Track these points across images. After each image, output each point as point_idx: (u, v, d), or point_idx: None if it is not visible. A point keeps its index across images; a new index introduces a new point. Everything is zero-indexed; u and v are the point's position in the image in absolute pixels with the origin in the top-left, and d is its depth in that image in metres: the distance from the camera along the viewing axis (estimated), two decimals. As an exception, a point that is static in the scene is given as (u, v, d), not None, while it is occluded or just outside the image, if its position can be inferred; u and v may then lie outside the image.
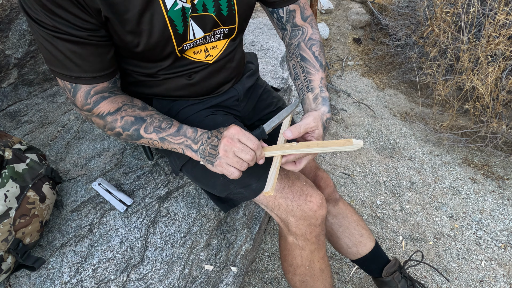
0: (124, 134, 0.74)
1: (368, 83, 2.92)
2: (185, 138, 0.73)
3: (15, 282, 0.80)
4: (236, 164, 0.69)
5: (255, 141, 0.69)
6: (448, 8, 2.23)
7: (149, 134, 0.73)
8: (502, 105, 1.94)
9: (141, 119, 0.73)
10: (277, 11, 0.92)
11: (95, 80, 0.70)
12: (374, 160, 2.07)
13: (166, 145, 0.74)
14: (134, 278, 0.84)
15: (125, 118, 0.73)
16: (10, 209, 0.74)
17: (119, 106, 0.74)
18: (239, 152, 0.68)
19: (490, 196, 1.81)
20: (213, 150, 0.70)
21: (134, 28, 0.67)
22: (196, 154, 0.73)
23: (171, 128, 0.74)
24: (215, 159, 0.70)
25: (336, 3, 3.75)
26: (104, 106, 0.73)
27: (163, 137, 0.73)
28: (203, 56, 0.82)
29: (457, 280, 1.42)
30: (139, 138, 0.74)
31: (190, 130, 0.73)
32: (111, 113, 0.73)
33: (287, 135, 0.72)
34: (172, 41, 0.72)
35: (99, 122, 0.75)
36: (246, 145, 0.68)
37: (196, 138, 0.73)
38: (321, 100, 0.81)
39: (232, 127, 0.70)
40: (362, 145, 0.66)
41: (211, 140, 0.70)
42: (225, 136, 0.68)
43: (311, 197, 0.84)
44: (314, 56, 0.87)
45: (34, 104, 1.27)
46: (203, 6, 0.74)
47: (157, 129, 0.73)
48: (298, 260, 0.91)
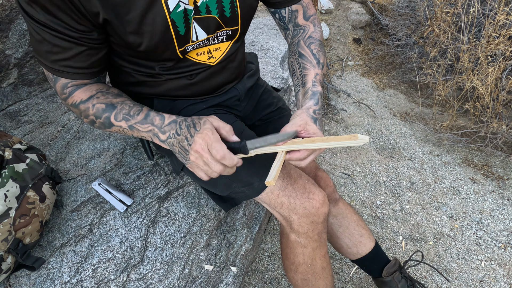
0: (97, 122, 0.73)
1: (368, 83, 2.92)
2: (152, 127, 0.71)
3: (15, 282, 0.80)
4: (206, 171, 0.68)
5: (225, 155, 0.65)
6: (448, 8, 2.23)
7: (119, 122, 0.72)
8: (502, 105, 1.94)
9: (111, 106, 0.71)
10: (279, 11, 0.92)
11: (75, 76, 0.70)
12: (374, 160, 2.07)
13: (136, 133, 0.73)
14: (134, 278, 0.84)
15: (97, 106, 0.71)
16: (10, 209, 0.74)
17: (92, 93, 0.72)
18: (208, 163, 0.66)
19: (490, 196, 1.81)
20: (183, 151, 0.68)
21: (136, 29, 0.66)
22: (164, 144, 0.71)
23: (139, 115, 0.71)
24: (186, 160, 0.69)
25: (336, 3, 3.75)
26: (78, 95, 0.72)
27: (132, 125, 0.71)
28: (205, 58, 0.82)
29: (457, 280, 1.42)
30: (111, 125, 0.72)
31: (157, 117, 0.71)
32: (83, 101, 0.71)
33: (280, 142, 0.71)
34: (173, 43, 0.72)
35: (75, 111, 0.74)
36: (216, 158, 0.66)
37: (163, 128, 0.70)
38: (310, 94, 0.80)
39: (205, 131, 0.66)
40: (368, 141, 0.65)
41: (180, 139, 0.68)
42: (196, 142, 0.66)
43: (313, 195, 0.84)
44: (312, 54, 0.87)
45: (34, 104, 1.27)
46: (207, 8, 0.73)
47: (126, 117, 0.71)
48: (300, 258, 0.91)
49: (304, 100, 0.79)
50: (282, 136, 0.71)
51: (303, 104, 0.78)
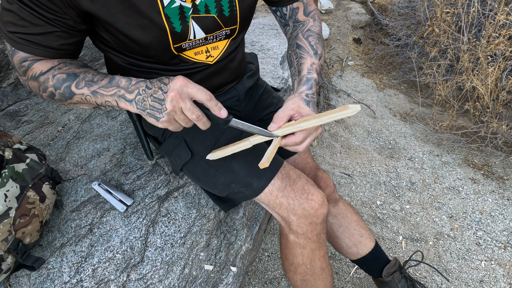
0: (57, 93, 0.67)
1: (368, 83, 2.92)
2: (117, 89, 0.65)
3: (15, 282, 0.80)
4: (183, 121, 0.64)
5: (207, 92, 0.63)
6: (448, 8, 2.23)
7: (81, 89, 0.66)
8: (502, 105, 1.94)
9: (73, 75, 0.67)
10: (281, 9, 0.93)
11: (38, 52, 0.65)
12: (374, 160, 2.07)
13: (99, 100, 0.66)
14: (134, 278, 0.84)
15: (57, 76, 0.66)
16: (10, 209, 0.74)
17: (53, 64, 0.67)
18: (185, 111, 0.63)
19: (490, 196, 1.81)
20: (156, 103, 0.63)
21: (129, 20, 0.66)
22: (131, 104, 0.65)
23: (103, 81, 0.66)
24: (161, 114, 0.63)
25: (336, 3, 3.75)
26: (37, 66, 0.67)
27: (95, 90, 0.66)
28: (204, 57, 0.82)
29: (457, 280, 1.42)
30: (71, 95, 0.67)
31: (123, 79, 0.66)
32: (43, 73, 0.67)
33: (272, 128, 0.72)
34: (168, 39, 0.72)
35: (34, 85, 0.69)
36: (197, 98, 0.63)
37: (130, 87, 0.65)
38: (305, 80, 0.80)
39: (179, 78, 0.63)
40: (360, 109, 0.64)
41: (153, 91, 0.63)
42: (172, 89, 0.61)
43: (312, 196, 0.84)
44: (310, 45, 0.87)
45: (34, 104, 1.27)
46: (205, 7, 0.73)
47: (88, 83, 0.66)
48: (299, 258, 0.91)
49: (298, 87, 0.80)
50: (265, 133, 0.71)
51: (297, 90, 0.79)
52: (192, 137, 0.90)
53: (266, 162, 0.68)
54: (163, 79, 0.64)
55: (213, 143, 0.88)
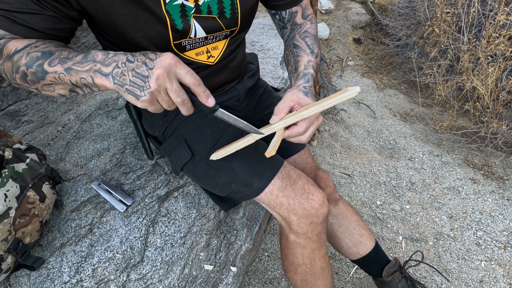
0: (29, 73, 0.60)
1: (368, 83, 2.92)
2: (93, 63, 0.58)
3: (15, 281, 0.80)
4: (165, 103, 0.58)
5: (196, 77, 0.58)
6: (448, 8, 2.23)
7: (54, 67, 0.59)
8: (502, 106, 1.94)
9: (49, 53, 0.60)
10: (280, 13, 0.94)
11: (17, 30, 0.60)
12: (374, 160, 2.07)
13: (74, 77, 0.59)
14: (134, 278, 0.84)
15: (31, 54, 0.60)
16: (10, 209, 0.74)
17: (30, 42, 0.61)
18: (171, 92, 0.56)
19: (490, 196, 1.81)
20: (139, 79, 0.55)
21: (130, 11, 0.66)
22: (107, 79, 0.57)
23: (78, 56, 0.59)
24: (142, 92, 0.56)
25: (336, 3, 3.75)
26: (13, 44, 0.61)
27: (69, 66, 0.59)
28: (205, 58, 0.82)
29: (457, 280, 1.42)
30: (44, 74, 0.60)
31: (100, 53, 0.59)
32: (18, 50, 0.60)
33: (273, 120, 0.72)
34: (168, 34, 0.72)
35: (8, 67, 0.62)
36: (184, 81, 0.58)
37: (107, 60, 0.58)
38: (301, 75, 0.81)
39: (168, 54, 0.56)
40: (359, 90, 0.64)
41: (136, 65, 0.56)
42: (160, 66, 0.54)
43: (313, 195, 0.84)
44: (306, 44, 0.89)
45: (34, 104, 1.27)
46: (208, 8, 0.74)
47: (63, 60, 0.59)
48: (299, 258, 0.91)
49: (296, 81, 0.81)
50: (251, 128, 0.71)
51: (294, 85, 0.80)
52: (192, 137, 0.90)
53: (272, 150, 0.67)
54: (149, 53, 0.57)
55: (214, 143, 0.88)
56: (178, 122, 0.93)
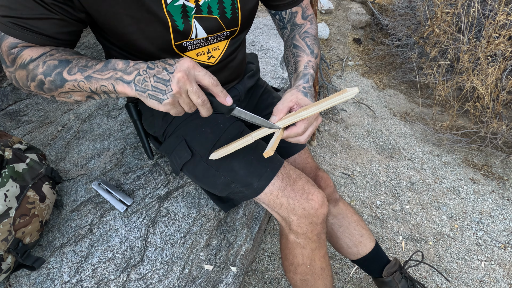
0: (47, 81, 0.62)
1: (368, 83, 2.92)
2: (114, 71, 0.61)
3: (15, 281, 0.80)
4: (186, 106, 0.61)
5: (213, 78, 0.61)
6: (448, 8, 2.23)
7: (74, 75, 0.61)
8: (502, 106, 1.94)
9: (66, 61, 0.62)
10: (280, 13, 0.94)
11: (30, 37, 0.61)
12: (374, 160, 2.07)
13: (94, 85, 0.61)
14: (134, 278, 0.84)
15: (48, 63, 0.61)
16: (10, 209, 0.74)
17: (45, 51, 0.63)
18: (191, 94, 0.59)
19: (490, 196, 1.81)
20: (161, 84, 0.58)
21: (132, 12, 0.66)
22: (129, 86, 0.60)
23: (98, 65, 0.62)
24: (165, 95, 0.58)
25: (336, 3, 3.75)
26: (27, 53, 0.62)
27: (89, 75, 0.61)
28: (205, 58, 0.82)
29: (457, 280, 1.42)
30: (63, 83, 0.62)
31: (120, 62, 0.62)
32: (34, 59, 0.62)
33: (273, 120, 0.72)
34: (169, 35, 0.72)
35: (22, 75, 0.63)
36: (203, 83, 0.60)
37: (129, 69, 0.60)
38: (301, 75, 0.81)
39: (186, 59, 0.59)
40: (358, 91, 0.65)
41: (157, 71, 0.59)
42: (180, 70, 0.58)
43: (312, 196, 0.84)
44: (306, 45, 0.89)
45: (34, 103, 1.27)
46: (208, 8, 0.74)
47: (82, 68, 0.61)
48: (299, 258, 0.91)
49: (295, 82, 0.81)
50: (267, 123, 0.72)
51: (293, 85, 0.80)
52: (192, 136, 0.90)
53: (270, 151, 0.68)
54: (168, 60, 0.61)
55: (214, 143, 0.88)
56: (178, 122, 0.93)
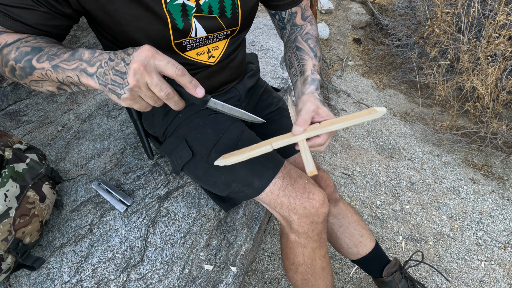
0: (17, 67, 0.60)
1: (368, 83, 2.92)
2: (79, 62, 0.56)
3: (15, 281, 0.80)
4: (150, 99, 0.55)
5: (178, 66, 0.54)
6: (448, 8, 2.23)
7: (42, 64, 0.58)
8: (502, 106, 1.94)
9: (38, 48, 0.59)
10: (279, 13, 0.94)
11: (9, 24, 0.60)
12: (374, 160, 2.07)
13: (61, 75, 0.58)
14: (134, 278, 0.84)
15: (21, 49, 0.59)
16: (10, 209, 0.74)
17: (21, 37, 0.61)
18: (152, 86, 0.53)
19: (490, 196, 1.81)
20: (118, 77, 0.53)
21: (131, 11, 0.66)
22: (92, 79, 0.56)
23: (66, 54, 0.58)
24: (122, 90, 0.53)
25: (336, 3, 3.75)
26: (3, 37, 0.61)
27: (56, 64, 0.58)
28: (206, 58, 0.82)
29: (457, 280, 1.42)
30: (32, 70, 0.59)
31: (87, 52, 0.58)
32: (8, 44, 0.60)
33: (298, 131, 0.68)
34: (169, 33, 0.72)
35: None
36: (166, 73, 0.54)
37: (93, 59, 0.56)
38: (310, 80, 0.80)
39: (145, 47, 0.53)
40: (386, 111, 0.64)
41: (115, 63, 0.54)
42: (136, 60, 0.52)
43: (313, 195, 0.84)
44: (309, 47, 0.89)
45: (34, 103, 1.27)
46: (209, 7, 0.74)
47: (50, 57, 0.58)
48: (299, 258, 0.91)
49: (304, 86, 0.80)
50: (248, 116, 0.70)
51: (304, 91, 0.78)
52: (193, 136, 0.90)
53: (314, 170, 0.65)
54: (129, 49, 0.55)
55: (215, 142, 0.88)
56: (178, 122, 0.93)
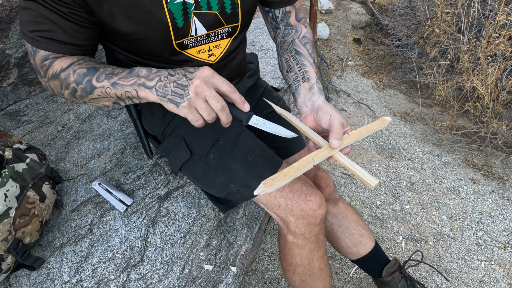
0: (79, 89, 0.68)
1: (368, 83, 2.92)
2: (137, 78, 0.66)
3: (15, 281, 0.80)
4: (205, 111, 0.63)
5: (231, 85, 0.65)
6: (448, 8, 2.23)
7: (101, 82, 0.67)
8: (502, 106, 1.94)
9: (94, 69, 0.68)
10: (273, 11, 0.93)
11: (57, 48, 0.66)
12: (374, 160, 2.07)
13: (119, 91, 0.66)
14: (134, 278, 0.84)
15: (78, 71, 0.67)
16: (10, 209, 0.74)
17: (73, 60, 0.68)
18: (210, 98, 0.62)
19: (490, 196, 1.81)
20: (179, 89, 0.63)
21: (131, 14, 0.66)
22: (151, 91, 0.64)
23: (123, 72, 0.67)
24: (182, 99, 0.63)
25: (336, 3, 3.75)
26: (58, 63, 0.68)
27: (115, 81, 0.66)
28: (206, 56, 0.82)
29: (457, 281, 1.42)
30: (92, 89, 0.67)
31: (143, 69, 0.67)
32: (64, 69, 0.67)
33: (336, 145, 0.69)
34: (170, 34, 0.72)
35: (56, 84, 0.69)
36: (221, 89, 0.64)
37: (151, 75, 0.65)
38: (317, 89, 0.81)
39: (206, 68, 0.64)
40: (390, 119, 0.82)
41: (177, 77, 0.64)
42: (198, 77, 0.62)
43: (310, 196, 0.84)
44: (308, 53, 0.88)
45: (34, 103, 1.27)
46: (207, 4, 0.74)
47: (108, 75, 0.67)
48: (297, 259, 0.91)
49: (314, 94, 0.80)
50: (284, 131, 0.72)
51: (315, 99, 0.78)
52: (191, 136, 0.90)
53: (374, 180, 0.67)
54: (188, 68, 0.65)
55: (213, 143, 0.88)
56: (177, 121, 0.93)
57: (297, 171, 0.66)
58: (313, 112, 0.76)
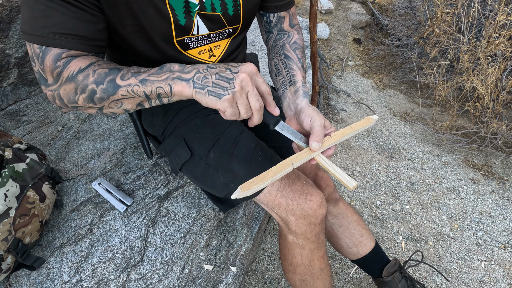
0: (99, 90, 0.61)
1: (368, 83, 2.92)
2: (170, 73, 0.62)
3: (15, 281, 0.80)
4: (244, 107, 0.62)
5: (269, 87, 0.66)
6: (448, 8, 2.23)
7: (127, 80, 0.62)
8: (502, 106, 1.94)
9: (116, 69, 0.63)
10: (268, 15, 0.94)
11: (72, 44, 0.60)
12: (374, 160, 2.07)
13: (149, 88, 0.62)
14: (134, 278, 0.84)
15: (98, 71, 0.61)
16: (10, 209, 0.74)
17: (92, 61, 0.63)
18: (251, 96, 0.61)
19: (490, 196, 1.81)
20: (223, 81, 0.60)
21: (133, 7, 0.66)
22: (188, 84, 0.61)
23: (152, 69, 0.64)
24: (226, 91, 0.60)
25: (336, 3, 3.75)
26: (75, 64, 0.61)
27: (144, 78, 0.62)
28: (207, 56, 0.82)
29: (457, 281, 1.42)
30: (115, 89, 0.62)
31: (176, 65, 0.64)
32: (82, 70, 0.61)
33: (316, 148, 0.69)
34: (171, 30, 0.72)
35: (69, 89, 0.62)
36: (260, 89, 0.64)
37: (186, 69, 0.63)
38: (302, 92, 0.81)
39: (251, 64, 0.63)
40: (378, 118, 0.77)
41: (219, 70, 0.62)
42: (244, 71, 0.61)
43: (311, 196, 0.84)
44: (297, 58, 0.89)
45: (34, 103, 1.27)
46: (212, 5, 0.74)
47: (136, 73, 0.62)
48: (298, 259, 0.91)
49: (298, 98, 0.80)
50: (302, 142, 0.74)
51: (299, 102, 0.79)
52: (192, 136, 0.90)
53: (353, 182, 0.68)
54: (231, 63, 0.64)
55: (213, 143, 0.88)
56: (177, 121, 0.93)
57: (275, 175, 0.65)
58: (296, 115, 0.77)
